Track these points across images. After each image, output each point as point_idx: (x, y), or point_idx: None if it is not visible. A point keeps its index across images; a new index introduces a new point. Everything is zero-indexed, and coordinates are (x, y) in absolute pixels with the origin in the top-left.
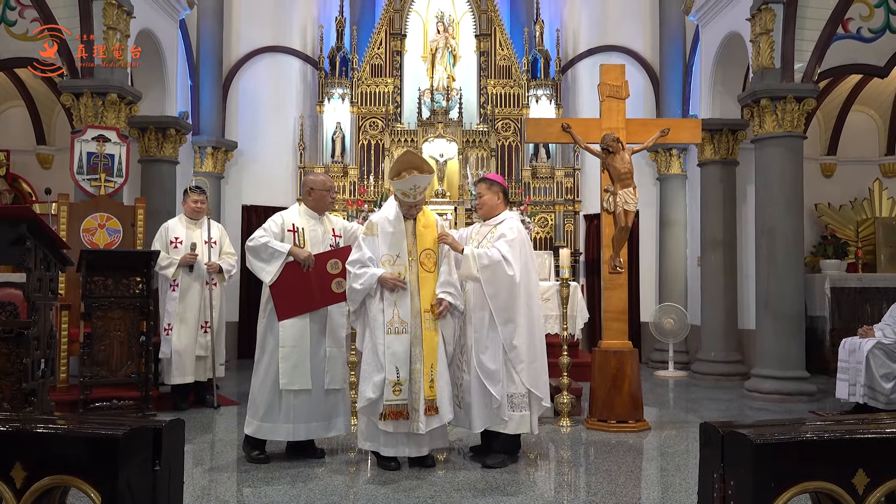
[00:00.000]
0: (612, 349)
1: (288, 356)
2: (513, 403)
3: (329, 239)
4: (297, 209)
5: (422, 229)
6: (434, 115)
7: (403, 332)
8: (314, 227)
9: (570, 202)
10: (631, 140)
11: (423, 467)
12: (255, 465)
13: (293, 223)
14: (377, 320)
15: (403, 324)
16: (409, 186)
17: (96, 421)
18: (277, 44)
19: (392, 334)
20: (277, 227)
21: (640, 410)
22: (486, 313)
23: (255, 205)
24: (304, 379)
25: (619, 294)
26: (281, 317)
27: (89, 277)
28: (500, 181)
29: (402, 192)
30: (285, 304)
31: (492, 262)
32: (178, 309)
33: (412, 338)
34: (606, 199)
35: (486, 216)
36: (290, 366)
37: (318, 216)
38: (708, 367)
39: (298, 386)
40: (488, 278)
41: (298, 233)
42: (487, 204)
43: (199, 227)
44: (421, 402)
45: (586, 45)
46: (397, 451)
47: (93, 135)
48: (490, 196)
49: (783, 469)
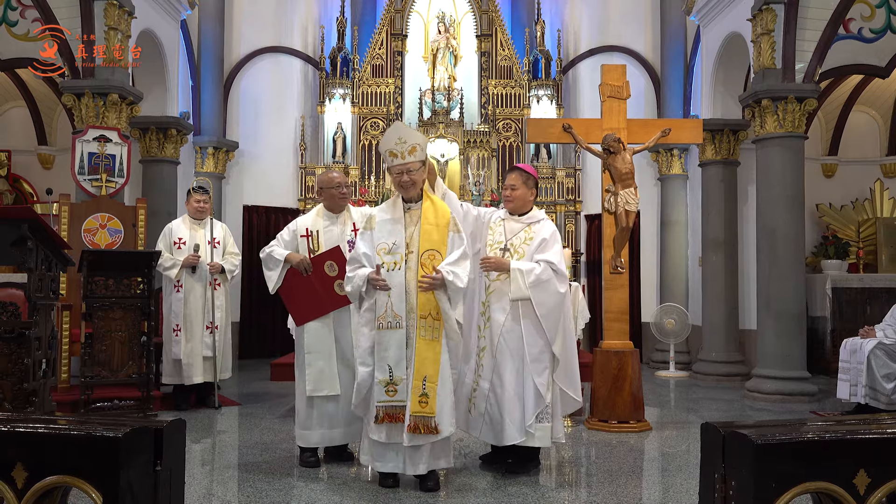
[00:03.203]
0: (613, 349)
1: (312, 362)
2: (539, 415)
3: (348, 236)
4: (314, 212)
5: (428, 226)
6: (435, 115)
7: (398, 326)
8: (329, 227)
9: (572, 202)
10: (632, 140)
11: (424, 491)
12: (307, 468)
13: (307, 227)
14: (369, 312)
15: (397, 318)
16: (395, 138)
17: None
18: (278, 44)
19: (384, 329)
20: (290, 234)
21: (641, 411)
22: (536, 326)
23: (257, 205)
24: (331, 384)
25: (620, 294)
26: (298, 322)
27: (90, 278)
28: (534, 174)
29: (389, 151)
30: (297, 310)
31: (541, 280)
32: (183, 310)
33: (407, 338)
34: (607, 200)
35: (516, 211)
36: (316, 371)
37: (334, 215)
38: (709, 367)
39: (326, 391)
40: (540, 299)
41: (313, 236)
42: (521, 198)
43: (202, 228)
44: (406, 414)
45: (587, 46)
46: (390, 465)
47: (94, 135)
48: (524, 191)
49: (784, 469)
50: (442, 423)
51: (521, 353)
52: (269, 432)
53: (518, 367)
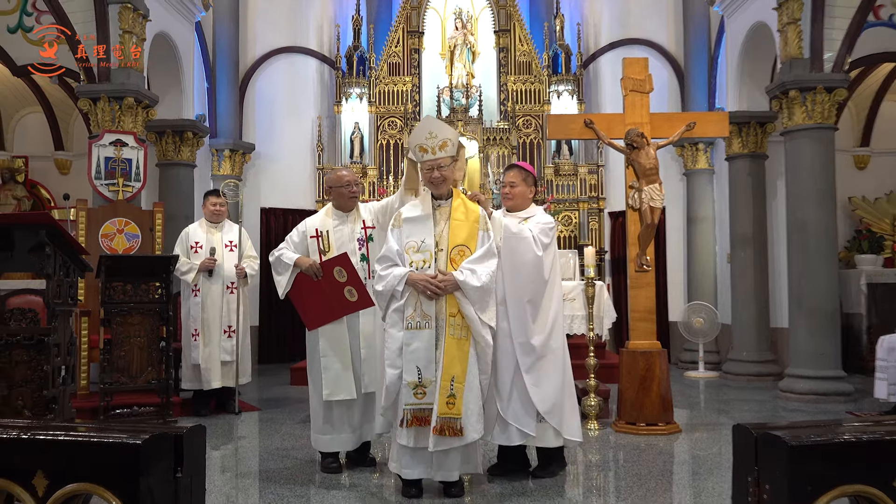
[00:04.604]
0: (640, 350)
1: (329, 365)
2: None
3: (358, 235)
4: (323, 212)
5: (458, 222)
6: (453, 112)
7: (427, 326)
8: (339, 227)
9: (595, 199)
10: (656, 135)
11: (448, 497)
12: (329, 473)
13: (316, 228)
14: (397, 313)
15: (427, 318)
16: (426, 133)
17: (117, 428)
18: (294, 44)
19: (413, 329)
20: (299, 235)
21: (670, 412)
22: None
23: (274, 207)
24: (348, 388)
25: (646, 293)
26: (310, 326)
27: (108, 283)
28: (533, 172)
29: (419, 146)
30: (308, 314)
31: (518, 235)
32: (201, 314)
33: (436, 339)
34: (632, 196)
35: (514, 209)
36: (332, 376)
37: (344, 214)
38: (740, 367)
39: (343, 396)
40: (510, 251)
41: (322, 237)
42: (519, 196)
43: (219, 231)
44: (434, 416)
45: (608, 39)
46: (417, 472)
47: (110, 139)
48: (523, 188)
49: (820, 472)
50: (467, 427)
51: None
52: (290, 437)
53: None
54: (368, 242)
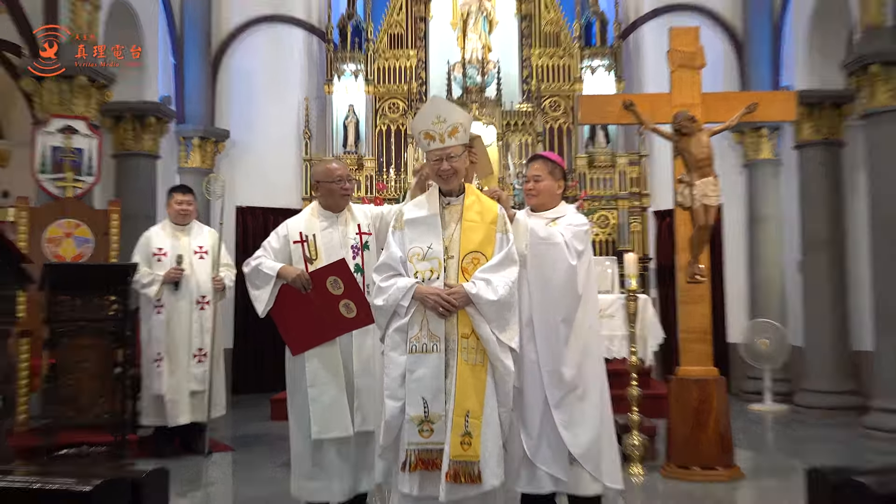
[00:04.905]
0: (693, 377)
1: (317, 397)
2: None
3: (352, 241)
4: (307, 211)
5: (471, 223)
6: (467, 93)
7: (434, 350)
8: (328, 229)
9: (637, 196)
10: (710, 119)
11: None
12: None
13: (300, 231)
14: (399, 333)
15: (435, 339)
16: (432, 117)
17: (63, 471)
18: (276, 12)
19: (418, 353)
20: (279, 241)
21: (730, 454)
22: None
23: (252, 206)
24: (342, 423)
25: (700, 309)
26: (295, 351)
27: (54, 297)
28: (561, 163)
29: (424, 133)
30: (294, 336)
31: (547, 241)
32: (166, 336)
33: (446, 364)
34: (681, 192)
35: (540, 207)
36: (322, 408)
37: (333, 215)
38: (815, 398)
39: (336, 433)
40: (537, 260)
41: (308, 242)
42: (545, 192)
43: (186, 235)
44: (445, 459)
45: (652, 5)
46: None
47: (58, 126)
48: (550, 183)
49: None
50: (486, 472)
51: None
52: (270, 483)
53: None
54: (364, 251)
